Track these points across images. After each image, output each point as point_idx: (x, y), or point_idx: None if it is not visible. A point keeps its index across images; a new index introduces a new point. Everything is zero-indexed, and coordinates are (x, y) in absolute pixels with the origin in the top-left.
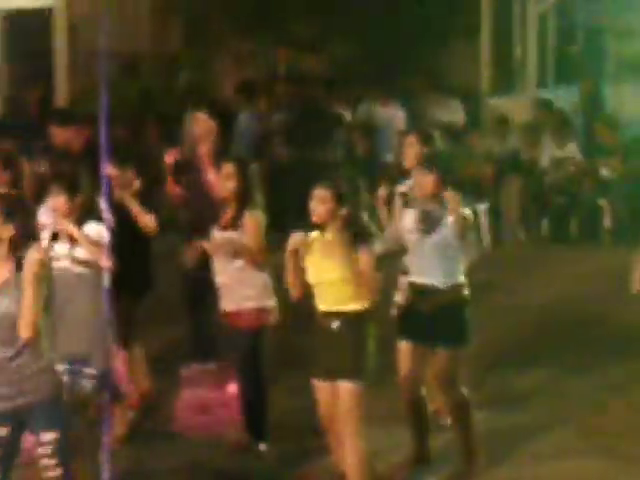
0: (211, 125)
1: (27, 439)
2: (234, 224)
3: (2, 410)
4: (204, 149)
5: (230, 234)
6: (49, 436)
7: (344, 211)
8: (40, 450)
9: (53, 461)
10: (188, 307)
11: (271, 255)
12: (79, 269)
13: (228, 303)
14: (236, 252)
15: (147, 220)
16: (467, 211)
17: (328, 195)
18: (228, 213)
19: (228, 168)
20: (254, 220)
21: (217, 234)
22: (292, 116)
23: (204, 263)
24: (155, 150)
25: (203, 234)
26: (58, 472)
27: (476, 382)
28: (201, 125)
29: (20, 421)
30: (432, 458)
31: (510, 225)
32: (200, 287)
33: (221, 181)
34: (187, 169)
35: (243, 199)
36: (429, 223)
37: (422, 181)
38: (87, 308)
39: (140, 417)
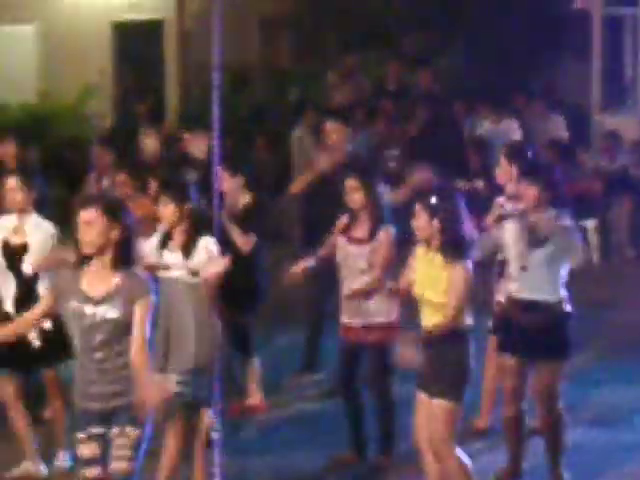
0: (346, 132)
1: None
2: (367, 238)
3: (98, 409)
4: (340, 158)
5: (363, 247)
6: (133, 431)
7: (435, 223)
8: (120, 440)
9: (131, 453)
10: (306, 316)
11: None
12: (193, 280)
13: (353, 316)
14: (369, 266)
15: (242, 241)
16: (567, 221)
17: (420, 209)
18: (359, 226)
19: (351, 182)
20: (388, 234)
21: (349, 247)
22: (405, 131)
23: (325, 273)
24: (264, 164)
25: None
26: (131, 466)
27: (583, 399)
28: (335, 134)
29: (111, 420)
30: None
31: (619, 242)
32: (319, 298)
33: (347, 195)
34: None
35: (376, 212)
36: (533, 236)
37: (525, 193)
38: (194, 318)
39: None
